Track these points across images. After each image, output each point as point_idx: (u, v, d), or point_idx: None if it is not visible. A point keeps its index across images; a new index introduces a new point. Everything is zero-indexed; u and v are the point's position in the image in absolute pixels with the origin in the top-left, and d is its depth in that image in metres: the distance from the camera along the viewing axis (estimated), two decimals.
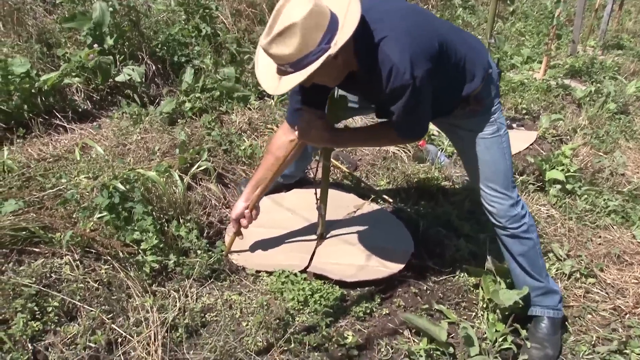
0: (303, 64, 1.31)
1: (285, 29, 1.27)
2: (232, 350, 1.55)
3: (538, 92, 3.99)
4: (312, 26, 1.28)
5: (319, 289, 1.81)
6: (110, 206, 1.76)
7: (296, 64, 1.31)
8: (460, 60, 1.54)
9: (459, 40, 1.56)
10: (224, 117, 2.82)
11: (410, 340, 1.74)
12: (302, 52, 1.29)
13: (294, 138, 1.74)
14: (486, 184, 1.75)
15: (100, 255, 1.75)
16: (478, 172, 1.74)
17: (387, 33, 1.38)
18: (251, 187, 1.87)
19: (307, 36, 1.28)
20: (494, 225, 1.82)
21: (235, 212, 1.87)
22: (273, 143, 1.84)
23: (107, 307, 1.60)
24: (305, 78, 1.31)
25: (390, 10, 1.46)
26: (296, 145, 1.75)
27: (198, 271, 1.80)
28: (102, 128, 2.51)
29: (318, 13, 1.29)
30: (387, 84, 1.40)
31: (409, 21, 1.45)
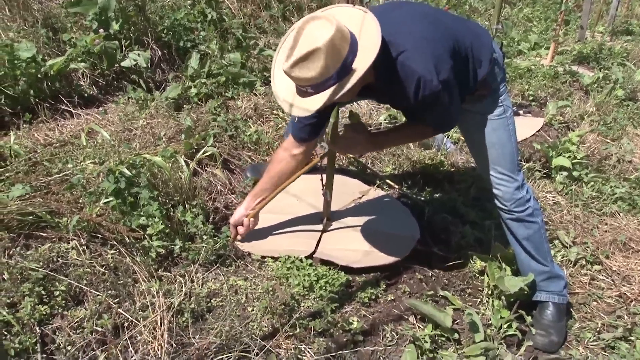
0: (325, 86, 1.31)
1: (308, 53, 1.27)
2: (238, 335, 1.55)
3: (545, 78, 3.94)
4: (334, 50, 1.28)
5: (325, 274, 1.81)
6: (117, 191, 1.76)
7: (318, 86, 1.32)
8: (469, 49, 1.55)
9: (464, 29, 1.57)
10: (230, 102, 2.80)
11: (415, 326, 1.74)
12: (325, 76, 1.30)
13: (297, 152, 1.78)
14: (492, 166, 1.74)
15: (107, 240, 1.74)
16: (484, 155, 1.73)
17: (406, 45, 1.39)
18: (252, 197, 1.89)
19: (329, 60, 1.28)
20: (499, 209, 1.81)
21: (234, 218, 1.89)
22: (277, 157, 1.85)
23: (113, 292, 1.60)
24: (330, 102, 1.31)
25: (400, 17, 1.47)
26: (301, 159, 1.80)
27: (204, 256, 1.80)
28: (108, 113, 2.50)
29: (340, 36, 1.29)
30: (416, 96, 1.41)
31: (422, 25, 1.46)
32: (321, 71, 1.29)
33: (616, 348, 1.78)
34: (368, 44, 1.32)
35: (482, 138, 1.72)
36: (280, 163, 1.83)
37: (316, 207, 2.14)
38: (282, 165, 1.83)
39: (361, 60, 1.32)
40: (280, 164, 1.83)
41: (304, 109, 1.35)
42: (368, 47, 1.32)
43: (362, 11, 1.40)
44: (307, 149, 1.82)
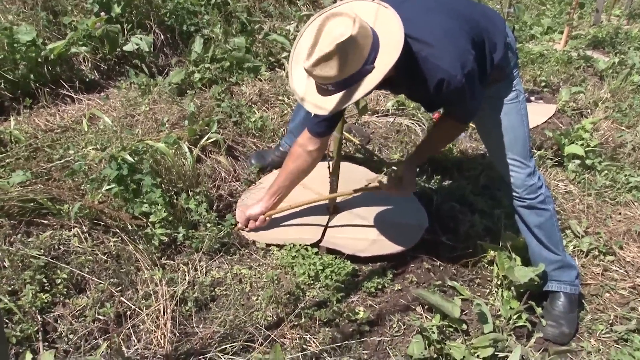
0: (347, 84, 1.32)
1: (330, 52, 1.26)
2: (242, 324, 1.56)
3: (558, 63, 3.88)
4: (357, 48, 1.28)
5: (330, 263, 1.81)
6: (119, 178, 1.76)
7: (339, 83, 1.31)
8: (484, 34, 1.54)
9: (478, 14, 1.56)
10: (234, 88, 2.78)
11: (422, 317, 1.73)
12: (347, 74, 1.30)
13: (313, 148, 1.78)
14: (504, 152, 1.73)
15: (109, 228, 1.74)
16: (496, 140, 1.73)
17: (427, 40, 1.38)
18: (270, 195, 1.89)
19: (352, 58, 1.28)
20: (510, 195, 1.79)
21: (250, 213, 1.89)
22: (293, 153, 1.85)
23: (115, 280, 1.60)
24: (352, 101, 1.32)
25: (414, 8, 1.45)
26: (316, 156, 1.81)
27: (207, 245, 1.79)
28: (110, 98, 2.49)
29: (362, 33, 1.28)
30: (439, 91, 1.41)
31: (439, 16, 1.44)
32: (343, 69, 1.28)
33: (629, 341, 1.77)
34: (390, 40, 1.32)
35: (494, 122, 1.71)
36: (297, 160, 1.83)
37: (322, 195, 2.12)
38: (299, 163, 1.83)
39: (384, 59, 1.31)
40: (297, 161, 1.83)
41: (324, 108, 1.35)
42: (391, 44, 1.31)
43: (381, 5, 1.38)
44: (322, 143, 1.82)
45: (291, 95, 2.78)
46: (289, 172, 1.86)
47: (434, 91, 1.42)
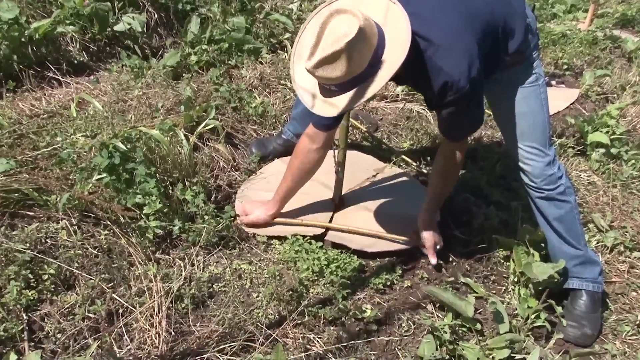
0: (351, 85, 1.32)
1: (334, 53, 1.26)
2: (242, 322, 1.56)
3: (582, 44, 3.83)
4: (362, 46, 1.28)
5: (336, 258, 1.80)
6: (110, 167, 1.76)
7: (343, 85, 1.32)
8: (500, 23, 1.53)
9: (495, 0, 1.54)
10: (233, 71, 2.78)
11: (433, 316, 1.73)
12: (352, 74, 1.30)
13: (319, 142, 1.79)
14: (522, 139, 1.71)
15: (100, 220, 1.74)
16: (513, 126, 1.71)
17: (435, 39, 1.39)
18: (276, 202, 1.91)
19: (357, 57, 1.28)
20: (528, 187, 1.79)
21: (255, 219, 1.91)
22: (299, 149, 1.85)
23: (107, 276, 1.60)
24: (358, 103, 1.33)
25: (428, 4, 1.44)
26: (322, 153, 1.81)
27: (205, 238, 1.79)
28: (100, 82, 2.49)
29: (367, 31, 1.28)
30: (443, 96, 1.43)
31: (450, 14, 1.44)
32: (348, 69, 1.29)
33: None
34: (397, 39, 1.32)
35: (511, 107, 1.68)
36: (303, 158, 1.83)
37: (327, 185, 2.13)
38: (306, 161, 1.83)
39: (390, 58, 1.31)
40: (304, 159, 1.83)
41: (327, 109, 1.36)
42: (397, 42, 1.31)
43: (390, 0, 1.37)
44: (329, 137, 1.82)
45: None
46: (295, 172, 1.86)
47: (437, 95, 1.44)
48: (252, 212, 1.92)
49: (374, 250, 1.87)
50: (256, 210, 1.92)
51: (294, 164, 1.85)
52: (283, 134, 2.30)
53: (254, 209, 1.93)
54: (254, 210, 1.92)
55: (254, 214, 1.92)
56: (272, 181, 2.12)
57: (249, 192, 2.07)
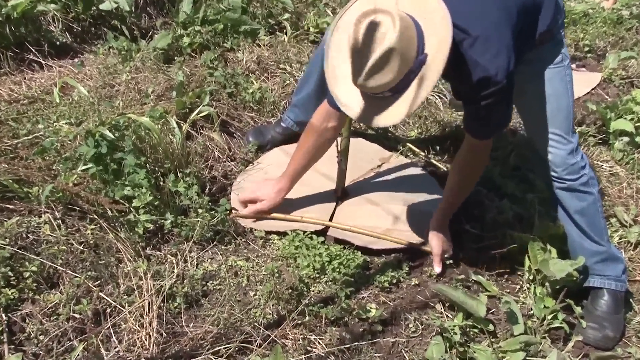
0: (403, 85, 1.34)
1: (381, 58, 1.27)
2: (238, 323, 1.56)
3: (605, 24, 3.79)
4: (407, 43, 1.29)
5: (338, 254, 1.80)
6: (97, 157, 1.75)
7: (396, 87, 1.33)
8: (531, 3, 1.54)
9: None
10: (229, 54, 2.75)
11: (443, 316, 1.72)
12: (402, 74, 1.32)
13: (335, 124, 1.81)
14: (544, 124, 1.70)
15: (86, 214, 1.73)
16: (535, 110, 1.69)
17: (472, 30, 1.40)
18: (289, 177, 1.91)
19: (405, 56, 1.29)
20: (548, 177, 1.78)
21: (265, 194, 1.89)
22: (311, 130, 1.85)
23: (93, 273, 1.59)
24: (419, 103, 1.35)
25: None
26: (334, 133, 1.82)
27: (199, 233, 1.79)
28: (85, 65, 2.48)
29: (407, 26, 1.29)
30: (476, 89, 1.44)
31: (489, 5, 1.43)
32: (399, 71, 1.30)
33: None
34: (434, 20, 1.32)
35: (534, 89, 1.68)
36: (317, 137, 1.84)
37: (329, 176, 2.12)
38: (320, 140, 1.85)
39: (433, 42, 1.32)
40: (317, 138, 1.84)
41: (390, 117, 1.37)
42: (435, 25, 1.32)
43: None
44: (343, 117, 1.82)
45: (294, 63, 2.76)
46: (306, 151, 1.87)
47: (471, 88, 1.43)
48: (254, 193, 1.90)
49: (379, 247, 1.86)
50: (262, 188, 1.90)
51: (306, 143, 1.86)
52: (282, 122, 2.29)
53: (260, 187, 1.91)
54: (260, 188, 1.91)
55: (260, 191, 1.90)
56: (271, 172, 2.12)
57: (246, 183, 2.07)
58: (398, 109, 1.36)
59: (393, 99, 1.36)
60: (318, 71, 2.12)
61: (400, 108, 1.36)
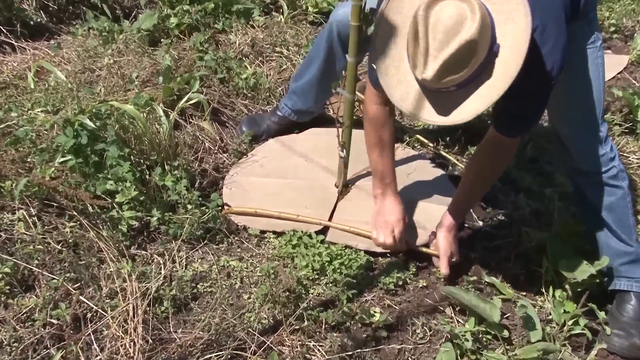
0: (472, 78, 1.31)
1: (459, 51, 1.24)
2: (231, 328, 1.55)
3: (634, 1, 3.75)
4: (485, 34, 1.27)
5: (340, 254, 1.81)
6: (76, 148, 1.75)
7: (464, 81, 1.31)
8: None
9: None
10: (220, 36, 2.76)
11: (453, 320, 1.72)
12: (475, 67, 1.29)
13: (387, 104, 1.75)
14: (571, 110, 1.68)
15: (64, 210, 1.73)
16: (563, 96, 1.66)
17: (534, 20, 1.36)
18: (394, 189, 1.86)
19: (482, 48, 1.28)
20: (573, 169, 1.79)
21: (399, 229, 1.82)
22: (371, 118, 1.80)
23: (73, 275, 1.59)
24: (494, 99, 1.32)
25: None
26: (390, 109, 1.78)
27: (188, 230, 1.80)
28: (63, 48, 2.47)
29: (484, 15, 1.27)
30: (530, 82, 1.39)
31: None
32: (473, 64, 1.28)
33: None
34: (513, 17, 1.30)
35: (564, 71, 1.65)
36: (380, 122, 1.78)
37: (329, 169, 2.13)
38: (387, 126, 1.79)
39: (510, 43, 1.30)
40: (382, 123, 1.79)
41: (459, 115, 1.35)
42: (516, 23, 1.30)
43: None
44: (387, 101, 1.77)
45: (291, 46, 2.76)
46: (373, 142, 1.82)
47: (524, 83, 1.38)
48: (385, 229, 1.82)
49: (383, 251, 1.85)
50: (385, 222, 1.82)
51: (375, 133, 1.80)
52: (279, 110, 2.29)
53: (382, 224, 1.82)
54: (383, 224, 1.82)
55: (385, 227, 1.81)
56: (266, 165, 2.13)
57: (239, 177, 2.07)
58: (471, 105, 1.33)
59: (461, 94, 1.33)
60: (322, 56, 2.11)
61: (473, 105, 1.33)
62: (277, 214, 1.92)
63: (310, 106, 2.27)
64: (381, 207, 1.85)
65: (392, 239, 1.79)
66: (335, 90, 1.89)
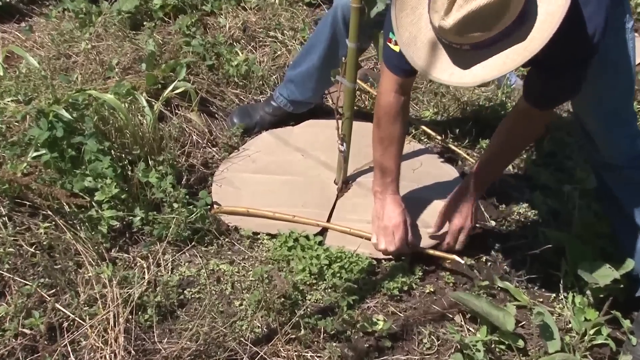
0: (496, 40, 1.28)
1: (492, 5, 1.21)
2: (221, 338, 1.55)
3: None
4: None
5: (339, 257, 1.81)
6: (51, 141, 1.75)
7: (485, 42, 1.28)
8: None
9: None
10: (209, 19, 2.76)
11: (463, 329, 1.72)
12: (502, 29, 1.26)
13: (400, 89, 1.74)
14: (598, 99, 1.66)
15: (38, 210, 1.73)
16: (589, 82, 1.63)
17: None
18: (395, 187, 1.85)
19: (515, 6, 1.24)
20: (598, 163, 1.79)
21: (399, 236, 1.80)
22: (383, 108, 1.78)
23: (47, 280, 1.59)
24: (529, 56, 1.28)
25: None
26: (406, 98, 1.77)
27: (174, 231, 1.80)
28: (35, 31, 2.48)
29: None
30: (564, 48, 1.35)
31: None
32: (507, 18, 1.24)
33: None
34: None
35: None
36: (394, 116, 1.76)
37: (328, 165, 2.13)
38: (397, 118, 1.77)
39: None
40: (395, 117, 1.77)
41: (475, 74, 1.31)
42: None
43: None
44: (408, 84, 1.78)
45: (286, 30, 2.73)
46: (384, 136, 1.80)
47: (562, 50, 1.36)
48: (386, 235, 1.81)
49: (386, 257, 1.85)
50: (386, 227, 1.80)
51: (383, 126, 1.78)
52: (273, 100, 2.29)
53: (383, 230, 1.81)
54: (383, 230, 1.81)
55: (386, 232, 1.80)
56: (259, 160, 2.13)
57: (230, 173, 2.07)
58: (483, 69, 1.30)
59: (476, 55, 1.30)
60: (325, 43, 2.10)
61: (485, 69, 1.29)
62: (270, 214, 1.92)
63: (308, 96, 2.27)
64: (380, 209, 1.84)
65: (393, 245, 1.79)
66: (334, 78, 1.89)
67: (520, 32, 1.27)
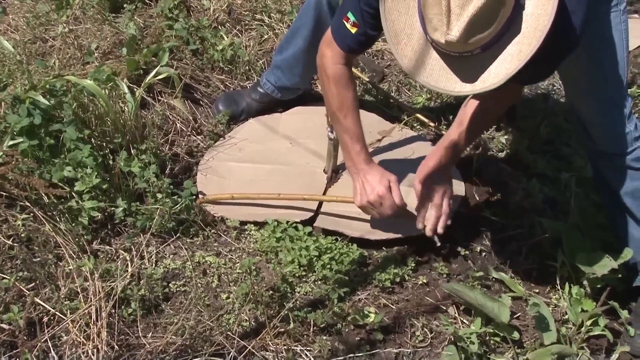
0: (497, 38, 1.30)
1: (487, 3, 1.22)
2: (207, 332, 1.57)
3: None
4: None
5: (329, 248, 1.81)
6: (28, 129, 1.75)
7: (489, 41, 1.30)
8: None
9: None
10: (192, 2, 2.73)
11: (457, 321, 1.74)
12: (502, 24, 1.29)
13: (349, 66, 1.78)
14: (590, 84, 1.68)
15: (15, 200, 1.73)
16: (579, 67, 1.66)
17: None
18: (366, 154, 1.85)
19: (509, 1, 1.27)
20: (592, 151, 1.80)
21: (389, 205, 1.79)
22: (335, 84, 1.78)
23: (26, 274, 1.59)
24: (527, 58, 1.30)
25: None
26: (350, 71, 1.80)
27: (158, 223, 1.80)
28: (9, 13, 2.46)
29: None
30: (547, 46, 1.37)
31: None
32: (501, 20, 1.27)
33: None
34: None
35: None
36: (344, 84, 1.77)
37: (317, 153, 2.14)
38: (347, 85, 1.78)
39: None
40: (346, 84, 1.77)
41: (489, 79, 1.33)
42: None
43: None
44: (350, 62, 1.78)
45: (274, 13, 2.74)
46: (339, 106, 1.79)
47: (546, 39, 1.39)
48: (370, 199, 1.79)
49: (379, 237, 1.87)
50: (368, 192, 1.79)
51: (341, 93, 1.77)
52: (260, 87, 2.29)
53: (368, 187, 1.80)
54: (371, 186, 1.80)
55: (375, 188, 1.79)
56: (246, 148, 2.13)
57: (216, 162, 2.07)
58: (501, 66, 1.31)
59: (486, 56, 1.32)
60: (309, 25, 2.10)
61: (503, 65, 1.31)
62: (255, 195, 1.92)
63: (296, 82, 2.27)
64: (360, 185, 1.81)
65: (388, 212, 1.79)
66: None
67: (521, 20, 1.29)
